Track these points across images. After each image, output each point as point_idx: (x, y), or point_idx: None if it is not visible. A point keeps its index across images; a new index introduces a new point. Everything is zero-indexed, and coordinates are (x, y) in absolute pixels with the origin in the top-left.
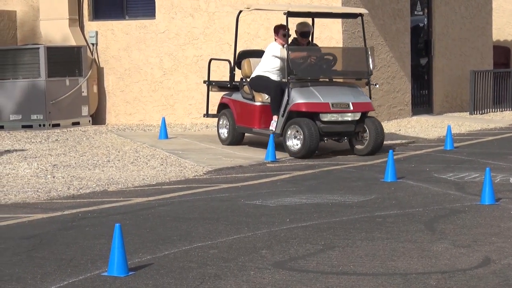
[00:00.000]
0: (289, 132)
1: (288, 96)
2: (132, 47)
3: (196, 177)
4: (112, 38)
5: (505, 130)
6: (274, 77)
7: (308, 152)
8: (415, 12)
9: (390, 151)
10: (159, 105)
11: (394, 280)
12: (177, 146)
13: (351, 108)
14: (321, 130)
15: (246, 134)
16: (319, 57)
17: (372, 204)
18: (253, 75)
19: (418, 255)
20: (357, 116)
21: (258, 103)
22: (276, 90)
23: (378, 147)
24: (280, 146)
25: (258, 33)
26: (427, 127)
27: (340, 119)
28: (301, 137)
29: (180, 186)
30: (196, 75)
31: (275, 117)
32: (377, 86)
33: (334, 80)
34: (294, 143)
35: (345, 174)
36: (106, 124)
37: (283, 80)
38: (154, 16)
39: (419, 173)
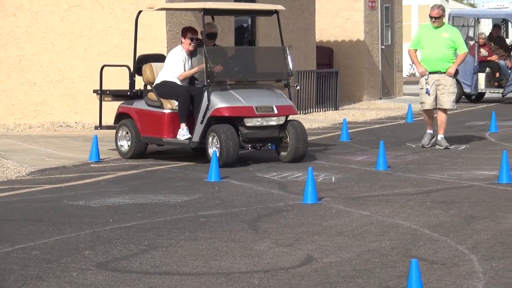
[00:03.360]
0: (209, 140)
1: (208, 100)
2: None
3: (19, 178)
4: None
5: (328, 130)
6: (180, 82)
7: (227, 161)
8: None
9: (214, 151)
10: None
11: (217, 280)
12: None
13: (275, 111)
14: (245, 137)
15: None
16: (231, 58)
17: (195, 204)
18: (157, 81)
19: (241, 254)
20: (282, 120)
21: (167, 111)
22: (186, 96)
23: (300, 153)
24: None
25: (81, 32)
26: None
27: (265, 123)
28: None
29: (2, 187)
30: (19, 75)
31: (183, 125)
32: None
33: (249, 82)
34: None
35: (169, 174)
36: None
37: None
38: None
39: (243, 172)
